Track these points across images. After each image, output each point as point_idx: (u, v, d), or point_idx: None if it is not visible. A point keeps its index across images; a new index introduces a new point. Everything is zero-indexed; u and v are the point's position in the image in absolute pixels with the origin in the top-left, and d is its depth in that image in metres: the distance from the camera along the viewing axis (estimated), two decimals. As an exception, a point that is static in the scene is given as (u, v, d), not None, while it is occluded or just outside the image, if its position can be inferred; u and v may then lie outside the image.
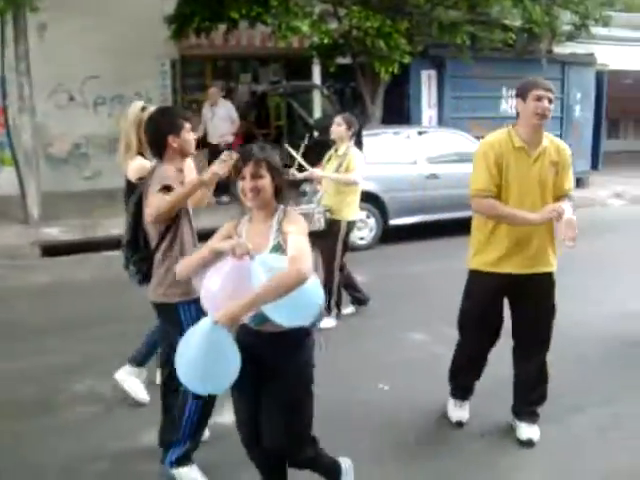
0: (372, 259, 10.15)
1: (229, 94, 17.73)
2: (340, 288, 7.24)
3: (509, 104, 16.12)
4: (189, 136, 4.19)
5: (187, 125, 4.17)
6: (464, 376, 4.98)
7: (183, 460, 4.21)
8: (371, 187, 10.63)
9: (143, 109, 4.86)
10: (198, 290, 3.40)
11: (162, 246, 4.07)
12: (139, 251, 4.18)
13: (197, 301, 3.58)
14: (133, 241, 4.19)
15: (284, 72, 17.89)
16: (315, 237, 6.92)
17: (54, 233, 11.51)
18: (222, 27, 13.66)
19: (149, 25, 14.71)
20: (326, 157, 7.40)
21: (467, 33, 13.66)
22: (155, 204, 3.94)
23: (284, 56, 16.85)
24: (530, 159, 4.37)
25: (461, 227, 11.48)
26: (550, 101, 4.27)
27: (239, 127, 14.56)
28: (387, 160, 11.16)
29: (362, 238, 10.71)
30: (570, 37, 16.38)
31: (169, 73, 16.29)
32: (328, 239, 7.03)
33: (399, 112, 15.03)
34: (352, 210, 7.21)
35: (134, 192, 4.29)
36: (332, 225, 7.02)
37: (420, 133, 11.93)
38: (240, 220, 3.51)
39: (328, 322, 6.98)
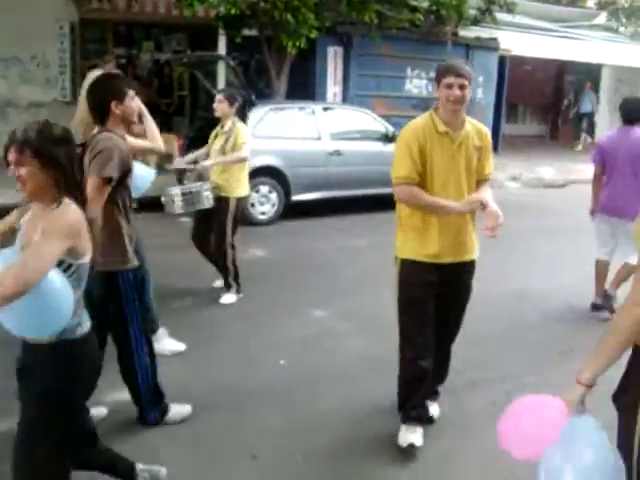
0: (273, 234, 10.05)
1: (130, 62, 17.29)
2: (236, 264, 7.10)
3: (413, 84, 16.26)
4: (132, 104, 4.21)
5: (131, 92, 4.19)
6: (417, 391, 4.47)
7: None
8: (274, 162, 10.53)
9: None
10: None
11: (101, 215, 3.99)
12: None
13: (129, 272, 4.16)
14: None
15: (188, 42, 17.49)
16: (206, 215, 6.90)
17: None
18: (126, -9, 13.29)
19: (46, -16, 14.15)
20: (212, 134, 7.26)
21: (375, 12, 13.63)
22: (92, 193, 3.77)
23: (189, 25, 16.45)
24: (454, 144, 4.21)
25: (363, 204, 11.64)
26: (462, 87, 4.11)
27: (141, 97, 14.14)
28: (291, 135, 11.04)
29: (264, 213, 10.59)
30: (475, 21, 16.61)
31: (68, 36, 15.64)
32: (218, 217, 6.96)
33: (304, 87, 14.95)
34: (241, 186, 7.11)
35: None
36: (220, 202, 6.92)
37: (325, 109, 11.83)
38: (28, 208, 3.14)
39: (229, 298, 7.02)
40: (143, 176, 5.08)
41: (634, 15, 25.04)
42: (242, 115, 7.08)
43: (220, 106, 7.07)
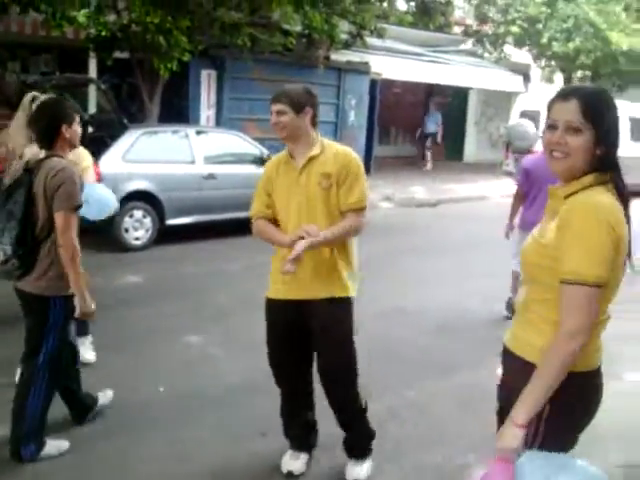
0: (148, 259, 9.93)
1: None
2: None
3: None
4: (78, 128, 4.30)
5: (77, 117, 4.29)
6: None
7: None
8: (148, 186, 10.42)
9: (33, 99, 4.92)
10: None
11: (49, 240, 4.16)
12: (26, 244, 4.14)
13: (68, 298, 4.17)
14: (21, 235, 4.13)
15: (57, 63, 17.10)
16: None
17: None
18: (-10, 11, 12.89)
19: None
20: None
21: (248, 35, 13.73)
22: (64, 227, 4.05)
23: (57, 46, 16.10)
24: (296, 172, 4.04)
25: (238, 228, 11.62)
26: (279, 113, 3.94)
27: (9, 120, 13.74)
28: (165, 159, 10.95)
29: (137, 239, 10.44)
30: (347, 45, 16.95)
31: None
32: None
33: (177, 111, 14.90)
34: None
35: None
36: None
37: (198, 133, 11.80)
38: None
39: None
40: (103, 201, 5.26)
41: (498, 42, 26.10)
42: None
43: None
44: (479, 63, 24.32)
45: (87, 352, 5.87)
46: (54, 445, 4.47)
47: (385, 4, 19.90)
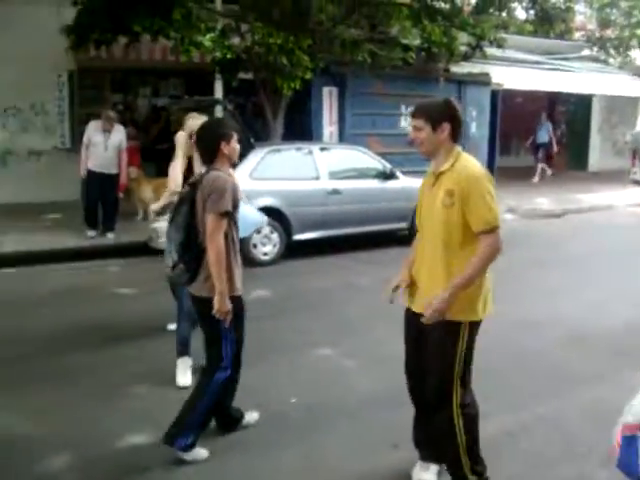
0: (276, 274, 10.15)
1: (128, 108, 17.53)
2: None
3: (408, 121, 16.43)
4: (236, 145, 4.63)
5: (235, 135, 4.62)
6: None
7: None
8: (274, 202, 10.66)
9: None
10: None
11: None
12: (190, 250, 4.52)
13: (235, 299, 4.51)
14: (186, 241, 4.53)
15: (184, 86, 17.78)
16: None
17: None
18: (123, 39, 13.50)
19: (47, 35, 14.34)
20: None
21: (368, 51, 13.87)
22: (211, 229, 4.39)
23: (185, 70, 16.72)
24: (434, 186, 4.02)
25: (363, 242, 11.77)
26: (415, 129, 3.99)
27: (139, 142, 14.35)
28: (290, 176, 11.20)
29: (266, 254, 10.70)
30: (466, 57, 16.87)
31: (66, 85, 15.92)
32: None
33: (300, 128, 15.14)
34: None
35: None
36: None
37: (322, 149, 12.00)
38: None
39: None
40: (249, 220, 5.54)
41: (622, 46, 25.41)
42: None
43: None
44: (602, 69, 23.76)
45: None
46: (200, 452, 4.69)
47: (504, 14, 19.73)
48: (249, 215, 5.56)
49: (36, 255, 10.62)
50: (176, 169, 6.05)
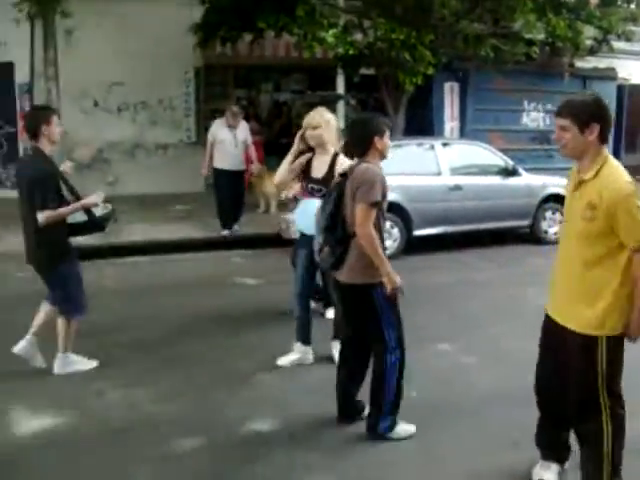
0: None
1: (251, 103, 17.90)
2: None
3: (530, 117, 16.19)
4: (389, 141, 4.80)
5: (388, 131, 4.78)
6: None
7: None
8: (396, 197, 10.66)
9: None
10: None
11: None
12: (335, 236, 4.69)
13: (380, 284, 4.66)
14: (332, 226, 4.71)
15: (306, 82, 18.02)
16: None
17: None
18: (247, 36, 13.80)
19: (175, 33, 14.85)
20: None
21: (491, 46, 13.71)
22: (362, 218, 4.53)
23: (307, 66, 16.96)
24: (577, 190, 3.82)
25: (483, 239, 11.68)
26: (561, 128, 3.74)
27: (262, 136, 14.63)
28: (411, 171, 11.18)
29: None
30: (592, 52, 16.44)
31: (193, 81, 16.43)
32: None
33: (421, 123, 15.10)
34: None
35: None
36: None
37: (444, 145, 11.93)
38: None
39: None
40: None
41: None
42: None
43: None
44: None
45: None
46: (404, 428, 4.93)
47: (633, 5, 19.10)
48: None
49: (164, 244, 11.07)
50: (283, 164, 6.15)
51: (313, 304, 6.78)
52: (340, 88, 14.82)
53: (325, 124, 5.81)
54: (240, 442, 4.86)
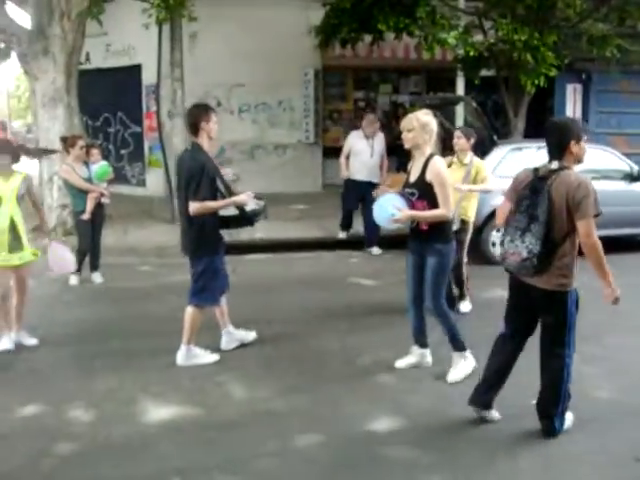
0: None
1: (368, 104, 17.97)
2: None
3: (656, 121, 15.70)
4: (584, 146, 4.72)
5: (585, 137, 4.73)
6: None
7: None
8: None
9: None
10: None
11: (566, 243, 4.66)
12: (547, 245, 4.67)
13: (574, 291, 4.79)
14: (546, 237, 4.65)
15: (424, 83, 17.97)
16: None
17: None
18: (367, 38, 13.87)
19: (295, 35, 15.13)
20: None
21: (616, 46, 13.35)
22: (589, 230, 4.53)
23: (425, 68, 16.94)
24: None
25: (604, 246, 11.31)
26: None
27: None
28: (531, 174, 10.99)
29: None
30: None
31: (312, 82, 16.63)
32: (462, 236, 7.64)
33: (542, 125, 14.81)
34: (474, 214, 8.03)
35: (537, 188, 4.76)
36: (465, 225, 7.77)
37: (566, 148, 11.65)
38: None
39: (465, 306, 8.01)
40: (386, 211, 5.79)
41: None
42: (481, 151, 7.67)
43: (459, 142, 7.90)
44: None
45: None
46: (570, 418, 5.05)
47: None
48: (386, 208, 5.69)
49: (284, 243, 11.29)
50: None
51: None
52: (460, 90, 14.74)
53: (420, 127, 5.64)
54: (359, 439, 4.89)
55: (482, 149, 10.85)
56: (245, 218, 6.34)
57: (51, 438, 4.85)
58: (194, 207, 5.88)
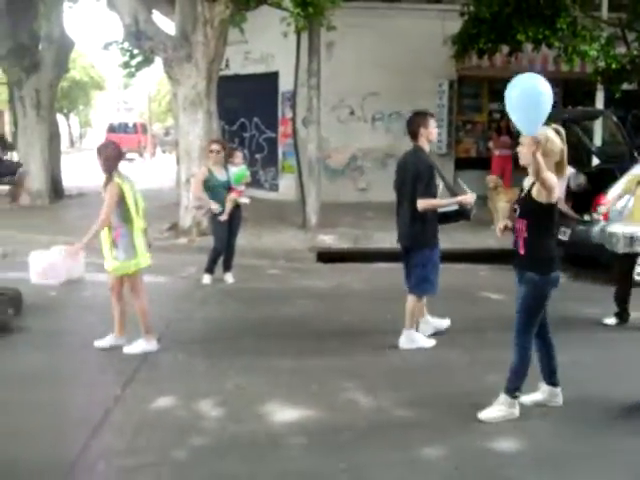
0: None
1: (503, 117, 17.72)
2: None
3: None
4: None
5: None
6: None
7: None
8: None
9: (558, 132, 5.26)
10: None
11: None
12: None
13: None
14: None
15: (560, 96, 17.57)
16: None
17: (328, 240, 12.04)
18: (504, 49, 13.71)
19: (430, 45, 15.13)
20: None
21: None
22: None
23: (563, 80, 16.57)
24: None
25: None
26: None
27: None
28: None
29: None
30: None
31: (446, 93, 16.56)
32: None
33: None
34: None
35: None
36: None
37: None
38: None
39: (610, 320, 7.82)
40: None
41: None
42: (620, 167, 7.63)
43: None
44: None
45: None
46: None
47: None
48: None
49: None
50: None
51: None
52: (599, 103, 14.35)
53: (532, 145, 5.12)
54: (482, 457, 4.82)
55: (621, 165, 10.56)
56: (463, 214, 6.88)
57: (183, 431, 5.03)
58: (422, 204, 6.45)
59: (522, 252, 5.21)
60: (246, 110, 17.81)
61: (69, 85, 43.27)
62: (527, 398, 5.70)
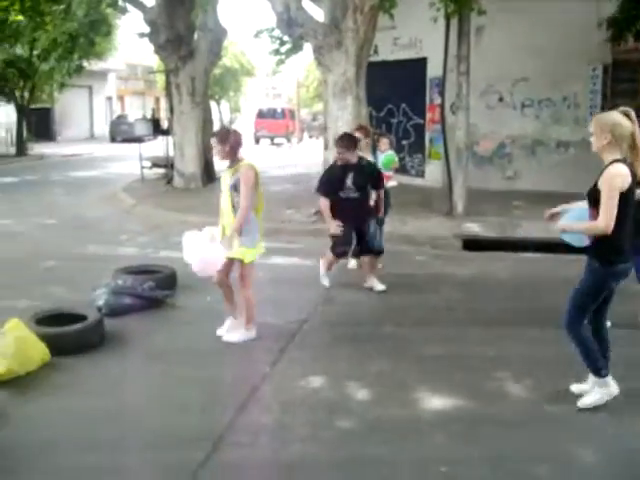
0: None
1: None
2: None
3: None
4: None
5: None
6: None
7: None
8: None
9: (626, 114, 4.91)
10: None
11: None
12: None
13: None
14: None
15: None
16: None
17: (474, 228, 11.92)
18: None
19: (582, 29, 14.65)
20: None
21: None
22: None
23: None
24: None
25: None
26: None
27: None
28: None
29: None
30: None
31: (600, 78, 16.00)
32: None
33: None
34: None
35: None
36: None
37: None
38: None
39: None
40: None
41: None
42: None
43: None
44: None
45: None
46: None
47: None
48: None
49: (554, 243, 10.92)
50: None
51: None
52: None
53: (600, 130, 4.94)
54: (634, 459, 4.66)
55: None
56: None
57: (329, 411, 5.16)
58: None
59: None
60: (394, 96, 17.79)
61: (221, 72, 44.56)
62: (576, 387, 5.47)
